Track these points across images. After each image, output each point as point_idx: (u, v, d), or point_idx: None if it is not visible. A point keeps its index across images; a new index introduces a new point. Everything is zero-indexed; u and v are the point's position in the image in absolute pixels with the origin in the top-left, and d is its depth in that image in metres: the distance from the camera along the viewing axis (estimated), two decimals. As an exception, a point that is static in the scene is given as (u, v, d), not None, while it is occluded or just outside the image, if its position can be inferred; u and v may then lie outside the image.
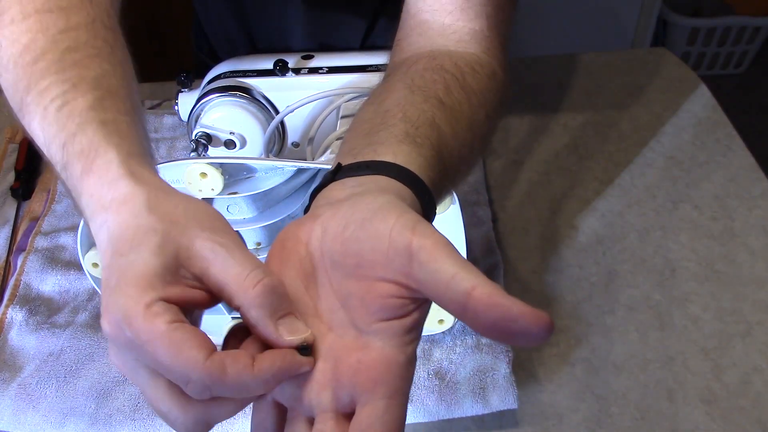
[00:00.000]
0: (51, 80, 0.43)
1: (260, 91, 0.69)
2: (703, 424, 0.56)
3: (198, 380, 0.32)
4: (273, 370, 0.33)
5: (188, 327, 0.32)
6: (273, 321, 0.34)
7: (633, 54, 0.95)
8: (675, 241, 0.70)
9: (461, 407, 0.56)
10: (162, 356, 0.31)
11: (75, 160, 0.39)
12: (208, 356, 0.32)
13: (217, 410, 0.35)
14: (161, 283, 0.33)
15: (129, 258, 0.34)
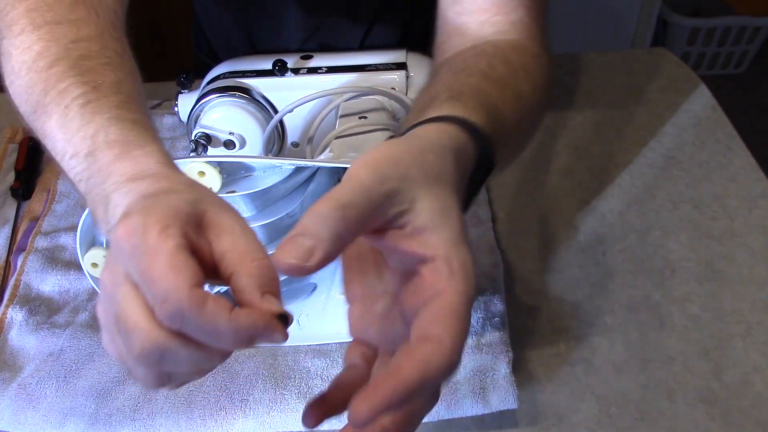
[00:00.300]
0: (70, 82, 0.45)
1: (259, 91, 0.69)
2: (703, 424, 0.56)
3: (175, 301, 0.31)
4: (248, 323, 0.32)
5: (192, 258, 0.33)
6: (258, 291, 0.33)
7: (633, 54, 0.95)
8: (675, 241, 0.70)
9: (461, 407, 0.56)
10: (156, 268, 0.32)
11: (107, 148, 0.41)
12: (195, 286, 0.32)
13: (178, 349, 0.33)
14: (184, 221, 0.34)
15: (161, 197, 0.35)
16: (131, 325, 0.33)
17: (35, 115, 0.47)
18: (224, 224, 0.35)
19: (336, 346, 0.61)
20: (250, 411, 0.56)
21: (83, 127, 0.42)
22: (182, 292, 0.31)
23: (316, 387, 0.58)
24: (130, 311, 0.33)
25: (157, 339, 0.32)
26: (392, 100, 0.69)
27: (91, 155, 0.41)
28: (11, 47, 0.49)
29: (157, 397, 0.57)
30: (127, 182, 0.38)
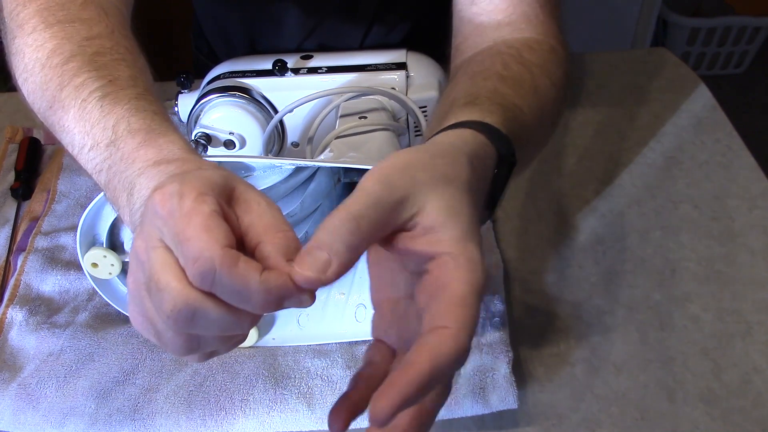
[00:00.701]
0: (86, 77, 0.45)
1: (259, 91, 0.69)
2: (703, 424, 0.56)
3: (208, 259, 0.32)
4: (278, 283, 0.33)
5: (225, 223, 0.34)
6: (284, 257, 0.34)
7: (633, 54, 0.95)
8: (675, 241, 0.70)
9: (461, 407, 0.56)
10: (191, 229, 0.33)
11: (129, 137, 0.42)
12: (227, 246, 0.33)
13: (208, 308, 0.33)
14: (217, 191, 0.35)
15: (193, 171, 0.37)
16: (163, 284, 0.33)
17: (51, 111, 0.47)
18: (252, 200, 0.36)
19: (336, 346, 0.61)
20: (250, 411, 0.56)
21: (103, 118, 0.43)
22: (215, 251, 0.32)
23: (316, 387, 0.58)
24: (162, 272, 0.34)
25: (188, 297, 0.33)
26: (392, 100, 0.69)
27: (113, 144, 0.42)
28: (24, 45, 0.50)
29: (157, 397, 0.57)
30: (153, 166, 0.39)
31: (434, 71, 0.73)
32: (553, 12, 0.60)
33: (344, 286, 0.63)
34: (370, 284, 0.41)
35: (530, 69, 0.53)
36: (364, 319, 0.61)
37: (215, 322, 0.34)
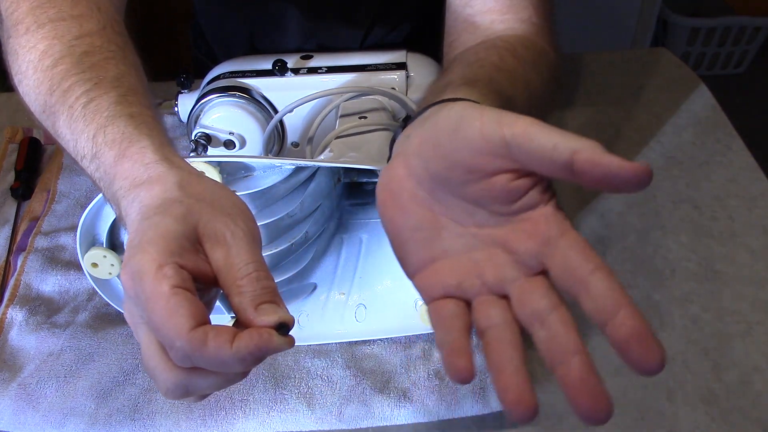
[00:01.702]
0: (73, 81, 0.45)
1: (259, 91, 0.69)
2: (703, 424, 0.56)
3: (180, 347, 0.34)
4: (249, 348, 0.34)
5: (188, 295, 0.34)
6: (252, 306, 0.35)
7: (633, 54, 0.95)
8: (675, 241, 0.70)
9: (461, 407, 0.56)
10: (157, 316, 0.34)
11: (107, 149, 0.42)
12: (195, 326, 0.33)
13: (198, 380, 0.36)
14: (178, 248, 0.35)
15: (153, 220, 0.37)
16: (152, 368, 0.36)
17: (45, 115, 0.48)
18: (217, 234, 0.37)
19: (336, 345, 0.61)
20: (250, 411, 0.56)
21: (86, 128, 0.43)
22: (182, 337, 0.33)
23: (316, 387, 0.58)
24: (149, 355, 0.36)
25: (175, 379, 0.36)
26: (392, 100, 0.69)
27: (96, 158, 0.43)
28: (18, 46, 0.50)
29: (157, 397, 0.57)
30: (129, 190, 0.40)
31: (434, 71, 0.73)
32: (545, 16, 0.60)
33: (344, 286, 0.63)
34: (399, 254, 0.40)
35: (524, 64, 0.54)
36: (364, 319, 0.61)
37: (207, 386, 0.37)
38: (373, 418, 0.56)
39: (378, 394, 0.57)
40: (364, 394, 0.57)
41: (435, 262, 0.38)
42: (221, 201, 0.39)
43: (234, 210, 0.39)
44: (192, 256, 0.36)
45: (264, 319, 0.35)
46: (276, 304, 0.36)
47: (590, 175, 0.32)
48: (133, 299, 0.36)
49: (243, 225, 0.38)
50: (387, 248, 0.63)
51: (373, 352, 0.60)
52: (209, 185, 0.40)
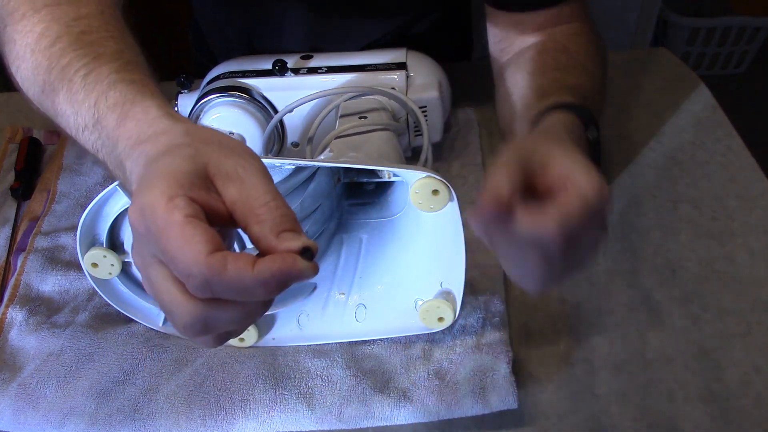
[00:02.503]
0: (71, 56, 0.45)
1: (259, 92, 0.69)
2: (703, 424, 0.56)
3: (198, 273, 0.33)
4: (272, 270, 0.33)
5: (202, 224, 0.34)
6: (273, 233, 0.35)
7: (633, 54, 0.95)
8: (675, 241, 0.70)
9: (461, 407, 0.56)
10: (171, 246, 0.33)
11: (109, 113, 0.42)
12: (213, 252, 0.33)
13: (218, 312, 0.35)
14: (188, 183, 0.35)
15: (160, 161, 0.36)
16: (168, 304, 0.35)
17: (44, 96, 0.47)
18: (229, 171, 0.36)
19: (336, 345, 0.61)
20: (250, 411, 0.56)
21: (87, 97, 0.43)
22: (200, 263, 0.32)
23: (316, 387, 0.58)
24: (164, 291, 0.35)
25: (194, 312, 0.34)
26: (392, 100, 0.69)
27: (98, 124, 0.42)
28: (15, 33, 0.50)
29: (157, 397, 0.57)
30: (133, 147, 0.39)
31: (434, 71, 0.73)
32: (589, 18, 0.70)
33: (344, 286, 0.63)
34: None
35: (577, 58, 0.64)
36: (364, 319, 0.61)
37: (228, 320, 0.35)
38: (373, 418, 0.56)
39: (378, 395, 0.57)
40: (364, 394, 0.57)
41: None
42: (229, 143, 0.38)
43: (242, 150, 0.38)
44: (203, 192, 0.35)
45: (287, 244, 0.34)
46: (297, 231, 0.36)
47: None
48: (143, 236, 0.35)
49: (254, 162, 0.37)
50: (387, 248, 0.63)
51: (373, 352, 0.60)
52: (216, 132, 0.39)
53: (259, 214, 0.35)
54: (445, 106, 0.74)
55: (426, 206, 0.52)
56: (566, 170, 0.41)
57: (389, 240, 0.64)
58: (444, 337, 0.60)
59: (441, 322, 0.58)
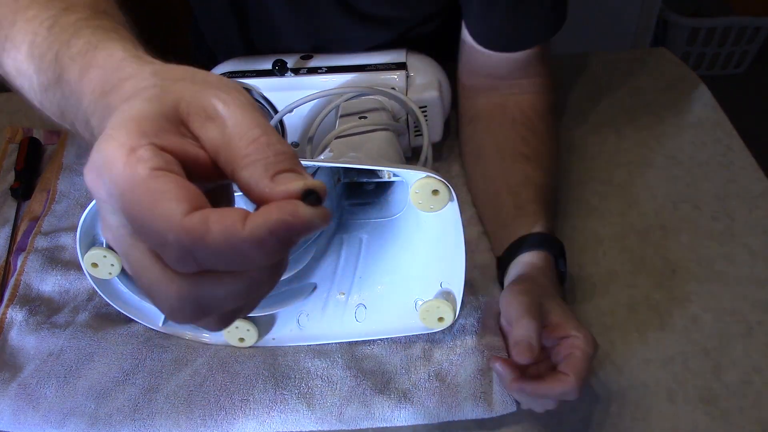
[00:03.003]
0: (38, 8, 0.39)
1: (259, 91, 0.69)
2: (703, 424, 0.56)
3: (174, 241, 0.25)
4: (269, 224, 0.25)
5: (174, 177, 0.26)
6: (267, 176, 0.27)
7: (633, 54, 0.95)
8: (675, 241, 0.70)
9: (462, 410, 0.56)
10: (136, 209, 0.26)
11: (71, 64, 0.34)
12: (189, 212, 0.25)
13: (210, 288, 0.27)
14: (154, 128, 0.27)
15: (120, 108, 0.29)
16: (149, 284, 0.28)
17: (5, 54, 0.41)
18: (206, 108, 0.29)
19: (336, 346, 0.61)
20: (250, 411, 0.56)
21: (49, 50, 0.36)
22: (175, 226, 0.25)
23: (316, 387, 0.58)
24: (141, 269, 0.28)
25: (180, 290, 0.27)
26: (392, 100, 0.69)
27: (60, 79, 0.35)
28: None
29: (157, 397, 0.57)
30: (98, 100, 0.32)
31: (434, 71, 0.73)
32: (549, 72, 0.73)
33: (344, 286, 0.63)
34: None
35: (542, 138, 0.70)
36: (364, 319, 0.61)
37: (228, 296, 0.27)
38: (373, 419, 0.56)
39: (378, 395, 0.57)
40: (364, 395, 0.57)
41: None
42: (206, 77, 0.31)
43: (222, 83, 0.30)
44: (175, 137, 0.28)
45: (284, 187, 0.27)
46: (297, 172, 0.28)
47: None
48: (106, 201, 0.27)
49: (238, 94, 0.30)
50: (387, 248, 0.63)
51: (373, 353, 0.60)
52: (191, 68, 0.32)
53: (248, 153, 0.27)
54: (445, 106, 0.74)
55: (426, 206, 0.52)
56: (567, 328, 0.53)
57: (389, 240, 0.64)
58: (444, 337, 0.60)
59: (441, 322, 0.58)
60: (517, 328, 0.52)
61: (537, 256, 0.61)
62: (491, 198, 0.69)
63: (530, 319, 0.52)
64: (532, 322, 0.52)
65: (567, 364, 0.52)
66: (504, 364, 0.53)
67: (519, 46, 0.69)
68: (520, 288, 0.56)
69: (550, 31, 0.70)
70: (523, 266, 0.61)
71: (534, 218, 0.64)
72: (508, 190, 0.67)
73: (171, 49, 1.40)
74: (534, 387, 0.52)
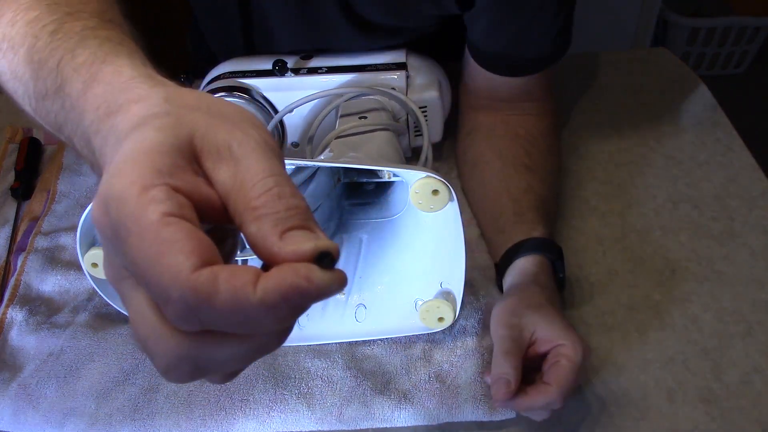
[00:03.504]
0: (42, 10, 0.38)
1: (260, 92, 0.69)
2: (703, 424, 0.56)
3: (179, 299, 0.23)
4: (282, 290, 0.24)
5: (186, 226, 0.24)
6: (276, 233, 0.25)
7: (633, 54, 0.95)
8: (675, 241, 0.70)
9: (462, 412, 0.56)
10: (141, 257, 0.24)
11: (75, 75, 0.33)
12: (199, 266, 0.24)
13: (212, 350, 0.25)
14: (169, 166, 0.25)
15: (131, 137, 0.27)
16: (145, 337, 0.26)
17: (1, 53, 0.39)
18: (219, 147, 0.27)
19: (336, 346, 0.61)
20: (250, 411, 0.56)
21: (51, 56, 0.35)
22: (182, 284, 0.23)
23: (316, 387, 0.58)
24: (138, 318, 0.26)
25: (179, 350, 0.25)
26: (392, 100, 0.69)
27: (61, 91, 0.34)
28: None
29: (157, 397, 0.57)
30: (102, 120, 0.30)
31: (434, 71, 0.73)
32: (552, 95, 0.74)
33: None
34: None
35: (545, 153, 0.70)
36: (364, 319, 0.61)
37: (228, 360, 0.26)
38: (373, 420, 0.56)
39: (378, 396, 0.57)
40: (364, 395, 0.57)
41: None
42: (222, 108, 0.29)
43: (239, 117, 0.29)
44: (189, 177, 0.26)
45: (293, 248, 0.25)
46: (309, 229, 0.26)
47: None
48: (110, 240, 0.25)
49: (254, 133, 0.28)
50: (387, 248, 0.63)
51: (373, 353, 0.60)
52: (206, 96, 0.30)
53: (257, 206, 0.25)
54: (445, 106, 0.74)
55: (426, 206, 0.52)
56: (553, 338, 0.53)
57: (389, 240, 0.64)
58: (444, 338, 0.60)
59: (441, 322, 0.58)
60: (495, 365, 0.53)
61: (534, 260, 0.61)
62: (490, 204, 0.68)
63: (508, 357, 0.53)
64: (509, 359, 0.53)
65: (550, 373, 0.52)
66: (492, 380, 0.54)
67: (522, 72, 0.70)
68: (503, 318, 0.56)
69: (553, 58, 0.70)
70: (518, 273, 0.61)
71: (532, 225, 0.63)
72: (509, 196, 0.66)
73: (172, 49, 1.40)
74: (518, 402, 0.52)
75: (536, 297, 0.57)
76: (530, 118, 0.72)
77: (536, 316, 0.55)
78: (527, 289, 0.58)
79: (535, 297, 0.57)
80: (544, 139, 0.71)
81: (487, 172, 0.69)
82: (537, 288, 0.58)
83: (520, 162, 0.68)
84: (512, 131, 0.70)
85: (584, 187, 0.76)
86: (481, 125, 0.73)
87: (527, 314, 0.56)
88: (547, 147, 0.71)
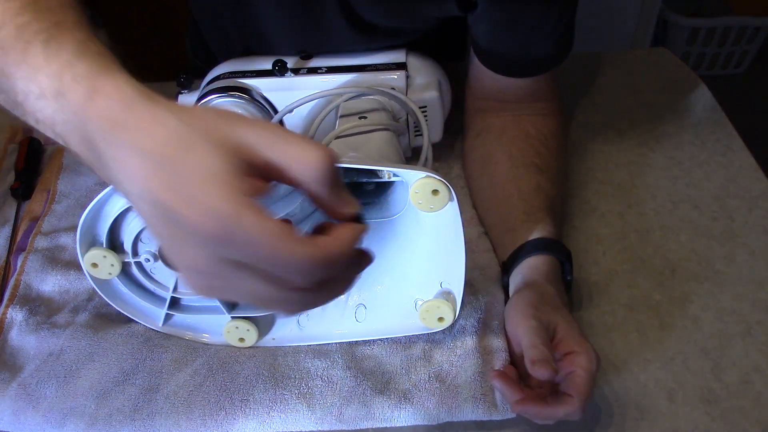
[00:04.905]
0: (30, 17, 0.42)
1: (259, 92, 0.69)
2: (703, 424, 0.56)
3: (311, 271, 0.35)
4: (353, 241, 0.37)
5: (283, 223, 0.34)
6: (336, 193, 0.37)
7: (633, 54, 0.95)
8: (675, 241, 0.70)
9: (462, 412, 0.56)
10: (274, 253, 0.34)
11: (75, 85, 0.39)
12: (314, 247, 0.35)
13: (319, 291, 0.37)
14: (239, 180, 0.34)
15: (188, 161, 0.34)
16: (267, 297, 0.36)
17: None
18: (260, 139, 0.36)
19: (336, 346, 0.61)
20: (250, 411, 0.56)
21: (47, 64, 0.40)
22: (313, 261, 0.35)
23: (316, 387, 0.58)
24: (261, 291, 0.36)
25: (302, 297, 0.37)
26: (392, 100, 0.69)
27: (61, 95, 0.39)
28: None
29: (157, 397, 0.57)
30: (112, 132, 0.37)
31: (434, 71, 0.73)
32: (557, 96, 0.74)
33: (344, 286, 0.62)
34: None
35: (554, 154, 0.71)
36: (364, 319, 0.61)
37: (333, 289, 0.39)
38: (373, 419, 0.56)
39: (378, 395, 0.57)
40: (364, 395, 0.57)
41: None
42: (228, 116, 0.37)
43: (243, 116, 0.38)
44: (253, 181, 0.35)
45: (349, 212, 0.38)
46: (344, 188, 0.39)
47: None
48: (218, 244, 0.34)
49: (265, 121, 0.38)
50: (387, 248, 0.63)
51: (373, 353, 0.60)
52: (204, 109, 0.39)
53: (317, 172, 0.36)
54: (445, 106, 0.74)
55: (426, 206, 0.52)
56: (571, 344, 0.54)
57: (389, 240, 0.63)
58: (444, 338, 0.60)
59: (441, 322, 0.58)
60: (532, 351, 0.53)
61: (544, 260, 0.61)
62: (499, 203, 0.68)
63: (543, 346, 0.53)
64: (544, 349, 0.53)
65: (570, 385, 0.52)
66: (505, 384, 0.54)
67: (528, 73, 0.70)
68: (528, 310, 0.56)
69: (559, 57, 0.70)
70: (528, 270, 0.61)
71: (542, 225, 0.64)
72: (519, 195, 0.66)
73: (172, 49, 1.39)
74: (538, 410, 0.52)
75: (554, 297, 0.58)
76: (540, 119, 0.72)
77: (558, 316, 0.56)
78: (543, 286, 0.59)
79: (553, 297, 0.58)
80: (554, 139, 0.72)
81: (496, 171, 0.70)
82: (552, 288, 0.59)
83: (530, 162, 0.69)
84: (523, 131, 0.71)
85: (584, 187, 0.76)
86: (492, 126, 0.73)
87: (549, 311, 0.56)
88: (556, 147, 0.72)
